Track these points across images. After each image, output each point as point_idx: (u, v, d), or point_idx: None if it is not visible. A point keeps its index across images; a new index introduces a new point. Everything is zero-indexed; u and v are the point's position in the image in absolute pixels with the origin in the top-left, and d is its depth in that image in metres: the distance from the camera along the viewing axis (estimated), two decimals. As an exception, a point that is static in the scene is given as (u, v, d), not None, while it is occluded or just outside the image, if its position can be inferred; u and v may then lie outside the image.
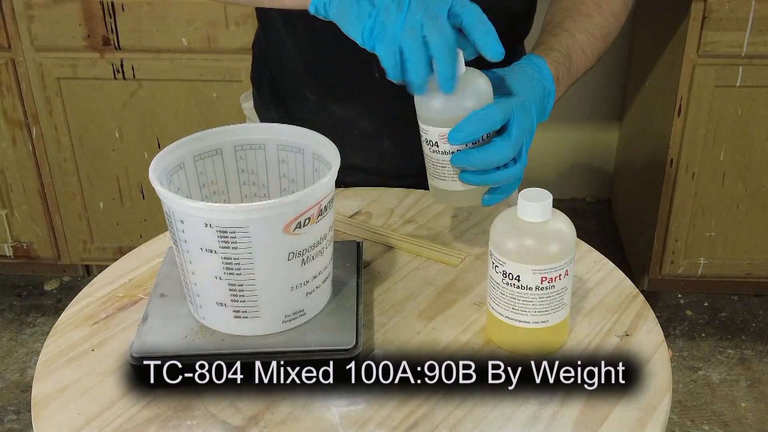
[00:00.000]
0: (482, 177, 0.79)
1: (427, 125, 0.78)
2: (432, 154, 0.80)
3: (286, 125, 0.90)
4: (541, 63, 0.87)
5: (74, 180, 2.19)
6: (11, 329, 2.27)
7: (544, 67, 0.86)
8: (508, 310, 0.81)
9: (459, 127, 0.76)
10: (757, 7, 1.87)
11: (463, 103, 0.76)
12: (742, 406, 1.97)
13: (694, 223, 2.15)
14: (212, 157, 0.89)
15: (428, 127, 0.78)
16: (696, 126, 2.02)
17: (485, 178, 0.79)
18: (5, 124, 2.12)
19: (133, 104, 2.09)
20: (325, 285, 0.84)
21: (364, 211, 1.10)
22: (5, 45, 2.02)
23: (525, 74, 0.84)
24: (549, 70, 0.87)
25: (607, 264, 0.98)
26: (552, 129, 2.72)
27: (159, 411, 0.77)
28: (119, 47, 2.00)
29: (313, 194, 0.77)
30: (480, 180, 0.79)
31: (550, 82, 0.86)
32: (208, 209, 0.74)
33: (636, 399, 0.78)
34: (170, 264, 0.92)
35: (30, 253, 2.31)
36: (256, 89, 1.18)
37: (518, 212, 0.79)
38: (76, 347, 0.86)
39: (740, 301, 2.34)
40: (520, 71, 0.85)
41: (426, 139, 0.80)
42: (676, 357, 2.12)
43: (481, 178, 0.79)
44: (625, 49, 2.56)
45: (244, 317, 0.80)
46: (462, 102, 0.76)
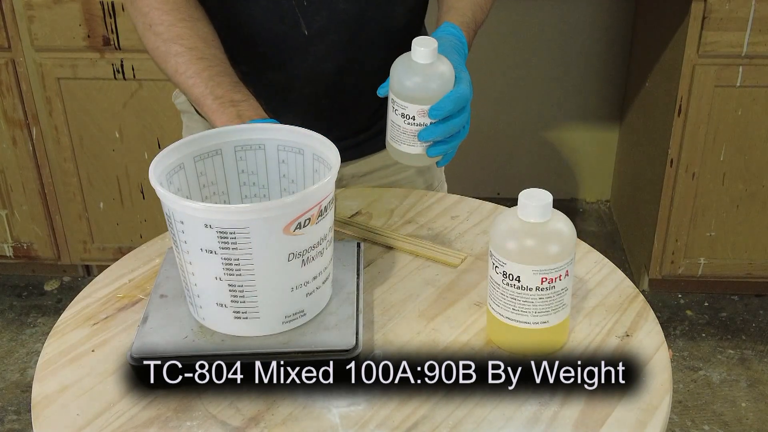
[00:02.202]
0: (442, 146, 0.93)
1: (406, 102, 0.91)
2: (406, 125, 0.92)
3: (286, 125, 0.90)
4: (458, 32, 1.00)
5: (74, 180, 2.19)
6: (11, 329, 2.27)
7: (461, 34, 1.00)
8: (509, 311, 0.81)
9: (438, 106, 0.89)
10: (757, 7, 1.87)
11: (435, 85, 0.90)
12: (743, 406, 1.97)
13: (694, 223, 2.15)
14: (212, 158, 0.89)
15: (407, 104, 0.91)
16: (696, 126, 2.02)
17: (444, 147, 0.93)
18: (5, 124, 2.12)
19: (133, 104, 2.08)
20: (325, 285, 0.84)
21: (364, 211, 1.10)
22: (5, 45, 2.02)
23: (452, 45, 0.97)
24: (464, 35, 1.01)
25: (607, 264, 0.98)
26: (552, 129, 2.72)
27: (159, 411, 0.77)
28: (119, 47, 2.00)
29: (314, 195, 0.77)
30: (441, 149, 0.93)
31: (466, 46, 1.01)
32: (208, 210, 0.74)
33: (636, 399, 0.78)
34: (170, 264, 0.92)
35: (30, 253, 2.31)
36: None
37: (518, 212, 0.79)
38: (76, 348, 0.86)
39: (740, 301, 2.34)
40: (448, 42, 0.98)
41: (403, 113, 0.92)
42: (677, 357, 2.12)
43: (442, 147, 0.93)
44: (625, 49, 2.56)
45: (244, 318, 0.80)
46: (434, 84, 0.90)
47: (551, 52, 2.58)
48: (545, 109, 2.68)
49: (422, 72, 0.90)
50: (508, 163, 2.78)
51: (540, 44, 2.58)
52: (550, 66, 2.60)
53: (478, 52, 2.60)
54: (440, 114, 0.90)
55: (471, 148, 2.75)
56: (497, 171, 2.78)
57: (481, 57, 2.61)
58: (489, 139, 2.74)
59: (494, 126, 2.71)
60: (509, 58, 2.60)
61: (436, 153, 0.93)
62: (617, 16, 2.53)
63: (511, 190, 1.13)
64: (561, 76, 2.62)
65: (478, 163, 2.77)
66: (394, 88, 0.92)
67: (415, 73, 0.90)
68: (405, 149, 0.94)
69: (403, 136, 0.93)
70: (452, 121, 0.91)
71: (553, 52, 2.58)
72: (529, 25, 2.55)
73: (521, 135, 2.74)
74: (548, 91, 2.65)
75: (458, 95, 0.90)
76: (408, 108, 0.91)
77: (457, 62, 0.95)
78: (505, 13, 2.53)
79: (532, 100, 2.67)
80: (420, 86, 0.90)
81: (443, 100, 0.90)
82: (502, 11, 2.53)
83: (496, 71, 2.62)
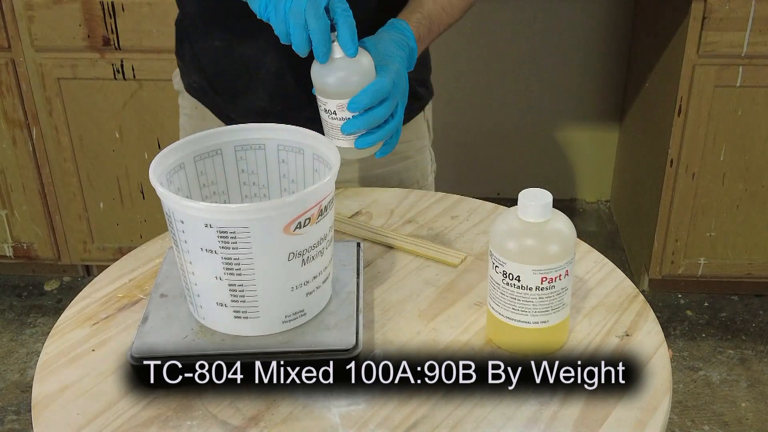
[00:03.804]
0: (369, 138, 0.95)
1: (326, 98, 0.93)
2: (331, 120, 0.94)
3: (286, 125, 0.90)
4: (403, 26, 1.02)
5: (74, 180, 2.19)
6: (11, 329, 2.27)
7: (406, 29, 1.02)
8: (509, 311, 0.81)
9: (357, 99, 0.91)
10: (757, 7, 1.87)
11: (353, 78, 0.91)
12: (743, 407, 1.97)
13: (694, 223, 2.15)
14: (212, 158, 0.89)
15: (326, 99, 0.93)
16: (696, 126, 2.02)
17: (371, 138, 0.94)
18: (5, 124, 2.12)
19: (133, 104, 2.09)
20: (325, 285, 0.84)
21: (364, 211, 1.10)
22: (5, 45, 2.02)
23: (392, 39, 0.99)
24: (411, 31, 1.02)
25: (607, 264, 0.98)
26: (552, 129, 2.72)
27: (159, 411, 0.77)
28: (119, 47, 2.00)
29: (314, 194, 0.77)
30: (369, 141, 0.94)
31: (413, 41, 1.02)
32: (208, 210, 0.74)
33: (636, 399, 0.78)
34: (170, 264, 0.92)
35: (30, 253, 2.31)
36: (180, 60, 1.25)
37: (518, 212, 0.79)
38: (76, 347, 0.86)
39: (740, 301, 2.34)
40: (388, 37, 0.99)
41: (325, 109, 0.94)
42: (677, 357, 2.12)
43: (368, 139, 0.95)
44: (625, 49, 2.56)
45: (244, 317, 0.80)
46: (353, 77, 0.91)
47: (551, 52, 2.58)
48: (545, 109, 2.68)
49: (338, 68, 0.91)
50: (508, 163, 2.78)
51: (540, 44, 2.58)
52: (550, 66, 2.61)
53: (478, 53, 2.60)
54: (357, 107, 0.91)
55: (471, 148, 2.76)
56: (497, 171, 2.78)
57: (482, 57, 2.62)
58: (489, 139, 2.74)
59: (494, 126, 2.71)
60: (509, 58, 2.60)
61: (362, 145, 0.94)
62: (617, 16, 2.53)
63: (511, 190, 1.13)
64: (561, 76, 2.62)
65: (478, 163, 2.77)
66: (315, 86, 0.94)
67: (330, 69, 0.91)
68: (337, 143, 0.95)
69: (331, 131, 0.95)
70: (373, 112, 0.92)
71: (553, 52, 2.58)
72: (529, 26, 2.55)
73: (521, 135, 2.74)
74: (548, 91, 2.65)
75: (376, 88, 0.91)
76: (328, 103, 0.93)
77: (391, 55, 0.97)
78: (504, 13, 2.53)
79: (532, 100, 2.67)
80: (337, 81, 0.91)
81: (360, 93, 0.91)
82: (502, 12, 2.54)
83: (497, 71, 2.63)
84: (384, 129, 0.95)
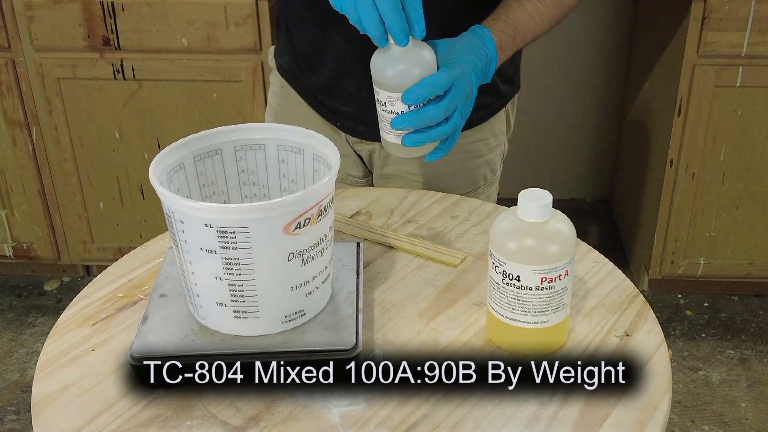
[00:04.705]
0: (417, 136, 0.92)
1: (380, 89, 0.91)
2: (383, 112, 0.92)
3: (286, 125, 0.90)
4: (485, 33, 0.99)
5: (74, 180, 2.19)
6: (11, 329, 2.27)
7: (487, 36, 0.99)
8: (508, 311, 0.81)
9: (411, 89, 0.88)
10: (757, 7, 1.87)
11: (411, 70, 0.89)
12: (742, 407, 1.97)
13: (694, 223, 2.15)
14: (212, 158, 0.89)
15: (381, 90, 0.91)
16: (696, 126, 2.02)
17: (421, 137, 0.91)
18: (5, 124, 2.12)
19: (133, 104, 2.08)
20: (325, 285, 0.84)
21: (364, 211, 1.10)
22: (5, 45, 2.02)
23: (469, 44, 0.97)
24: (492, 39, 0.99)
25: (607, 264, 0.98)
26: (552, 129, 2.72)
27: (159, 411, 0.77)
28: (119, 47, 2.00)
29: (313, 194, 0.77)
30: (418, 140, 0.92)
31: (492, 50, 0.98)
32: (207, 209, 0.74)
33: (636, 399, 0.78)
34: (170, 264, 0.92)
35: (30, 253, 2.31)
36: (276, 40, 1.28)
37: (518, 212, 0.79)
38: (76, 347, 0.86)
39: (740, 302, 2.34)
40: (466, 41, 0.97)
41: (378, 99, 0.92)
42: (676, 357, 2.12)
43: (416, 137, 0.92)
44: (625, 49, 2.56)
45: (244, 317, 0.80)
46: (410, 70, 0.89)
47: (551, 52, 2.58)
48: (545, 109, 2.68)
49: (395, 58, 0.88)
50: (508, 163, 2.77)
51: (540, 44, 2.57)
52: (550, 66, 2.60)
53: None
54: (411, 98, 0.88)
55: (471, 148, 2.76)
56: (497, 171, 2.78)
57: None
58: (489, 139, 2.73)
59: (494, 126, 2.71)
60: (509, 58, 2.60)
61: (409, 142, 0.92)
62: (617, 16, 2.53)
63: (511, 190, 1.13)
64: (561, 75, 2.62)
65: (478, 163, 2.77)
66: (373, 76, 0.92)
67: (387, 59, 0.89)
68: (385, 136, 0.94)
69: (382, 123, 0.93)
70: (425, 109, 0.90)
71: (553, 52, 2.58)
72: (529, 25, 2.55)
73: (521, 135, 2.73)
74: (548, 90, 2.65)
75: (431, 81, 0.88)
76: (380, 94, 0.91)
77: (460, 60, 0.94)
78: (505, 13, 2.53)
79: (532, 99, 2.67)
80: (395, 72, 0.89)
81: (415, 84, 0.89)
82: (502, 11, 2.53)
83: (496, 71, 2.62)
84: (435, 131, 0.91)
